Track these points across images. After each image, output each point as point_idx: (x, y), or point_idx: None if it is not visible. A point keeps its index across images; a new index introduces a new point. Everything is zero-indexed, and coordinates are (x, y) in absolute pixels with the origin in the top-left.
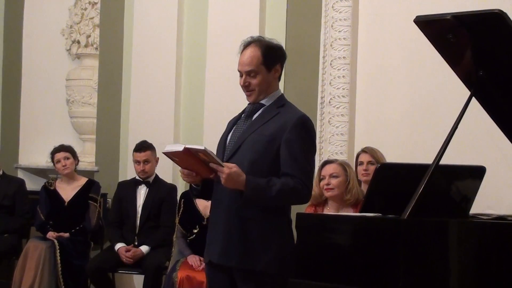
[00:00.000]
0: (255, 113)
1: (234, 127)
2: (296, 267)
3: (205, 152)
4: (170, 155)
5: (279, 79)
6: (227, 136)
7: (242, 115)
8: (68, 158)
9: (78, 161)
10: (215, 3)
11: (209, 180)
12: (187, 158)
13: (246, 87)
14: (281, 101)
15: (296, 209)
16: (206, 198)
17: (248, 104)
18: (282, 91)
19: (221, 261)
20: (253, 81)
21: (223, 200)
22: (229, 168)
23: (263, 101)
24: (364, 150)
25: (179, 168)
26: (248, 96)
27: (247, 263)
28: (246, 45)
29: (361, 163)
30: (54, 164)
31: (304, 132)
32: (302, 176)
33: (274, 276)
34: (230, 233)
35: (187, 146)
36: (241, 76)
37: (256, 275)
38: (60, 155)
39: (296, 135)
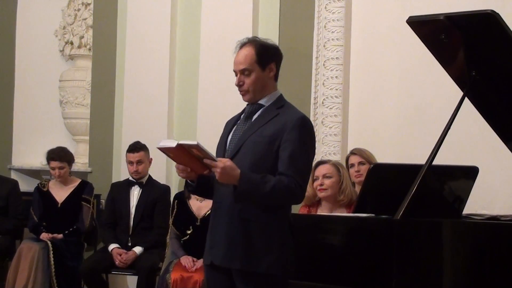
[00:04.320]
0: (254, 114)
1: (234, 128)
2: None
3: (198, 147)
4: (165, 150)
5: (276, 79)
6: (227, 137)
7: (241, 116)
8: (62, 168)
9: (73, 162)
10: (208, 4)
11: (204, 177)
12: (181, 154)
13: (240, 86)
14: (280, 102)
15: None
16: (200, 195)
17: (247, 104)
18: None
19: (224, 263)
20: (247, 80)
21: (224, 202)
22: (223, 163)
23: (262, 102)
24: (353, 152)
25: (175, 163)
26: (243, 95)
27: (250, 265)
28: (241, 45)
29: (352, 165)
30: (48, 165)
31: (303, 133)
32: (297, 176)
33: (275, 277)
34: (233, 236)
35: (180, 142)
36: (236, 76)
37: (257, 277)
38: (54, 164)
39: (295, 136)
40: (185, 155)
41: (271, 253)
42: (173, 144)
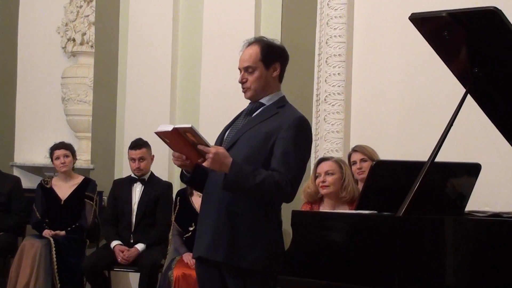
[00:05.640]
0: (254, 112)
1: (233, 124)
2: (292, 264)
3: (192, 130)
4: (162, 135)
5: (280, 80)
6: (225, 131)
7: (242, 113)
8: (67, 156)
9: (76, 159)
10: (210, 1)
11: (200, 169)
12: (177, 140)
13: (242, 84)
14: (281, 102)
15: (291, 207)
16: (195, 186)
17: (249, 103)
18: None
19: (208, 255)
20: (250, 77)
21: (214, 194)
22: (216, 149)
23: (263, 101)
24: (355, 149)
25: (172, 151)
26: (244, 93)
27: (233, 259)
28: (248, 44)
29: (354, 162)
30: (52, 160)
31: (299, 132)
32: (289, 174)
33: (262, 273)
34: (219, 228)
35: (176, 126)
36: (240, 73)
37: (244, 272)
38: (60, 152)
39: (291, 135)
40: (181, 141)
41: (256, 249)
42: (169, 128)
